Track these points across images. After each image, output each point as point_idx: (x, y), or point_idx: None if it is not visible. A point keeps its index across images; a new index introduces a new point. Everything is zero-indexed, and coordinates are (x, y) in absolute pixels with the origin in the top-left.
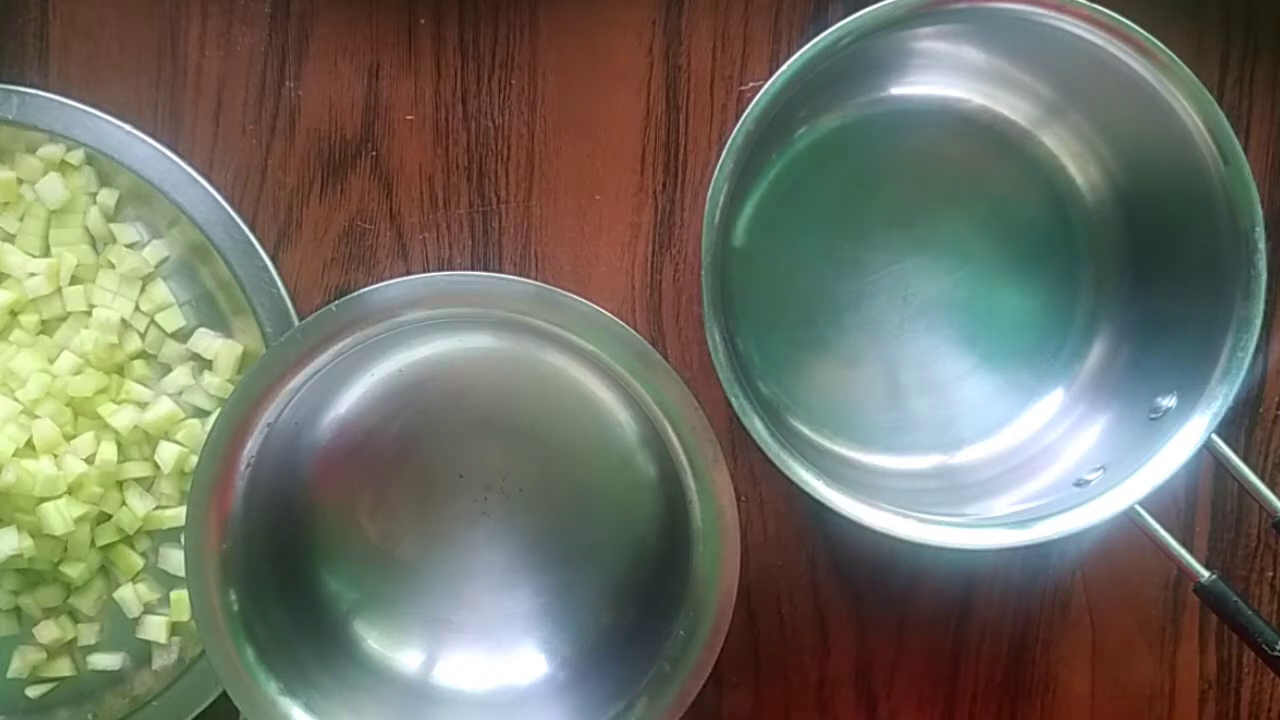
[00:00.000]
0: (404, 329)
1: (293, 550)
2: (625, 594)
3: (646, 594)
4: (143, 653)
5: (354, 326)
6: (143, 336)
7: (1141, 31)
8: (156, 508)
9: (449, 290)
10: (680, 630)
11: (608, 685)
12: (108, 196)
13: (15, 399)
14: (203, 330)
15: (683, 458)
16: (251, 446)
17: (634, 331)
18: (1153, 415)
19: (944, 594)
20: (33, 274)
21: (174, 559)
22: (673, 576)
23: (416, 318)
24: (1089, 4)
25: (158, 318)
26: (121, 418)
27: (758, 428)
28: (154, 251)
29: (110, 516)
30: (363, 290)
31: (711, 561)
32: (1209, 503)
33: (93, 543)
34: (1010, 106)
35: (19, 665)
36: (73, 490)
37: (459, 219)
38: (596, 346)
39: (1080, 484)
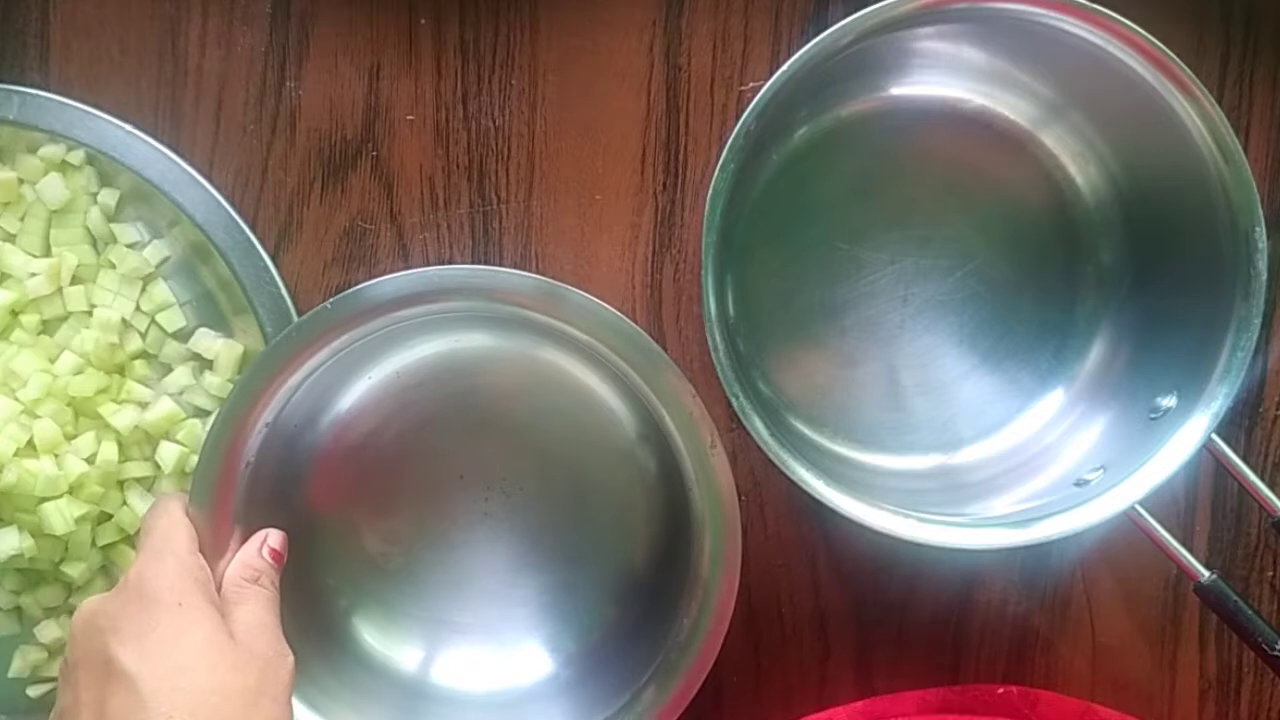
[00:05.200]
0: (399, 329)
1: (294, 552)
2: (629, 588)
3: (650, 587)
4: None
5: (350, 323)
6: (143, 336)
7: (1141, 31)
8: None
9: (440, 284)
10: (684, 619)
11: (612, 680)
12: (108, 196)
13: (16, 399)
14: (203, 330)
15: (681, 444)
16: (250, 447)
17: (630, 320)
18: (1153, 415)
19: (944, 594)
20: (34, 274)
21: None
22: (676, 568)
23: (412, 314)
24: (1089, 4)
25: (158, 317)
26: (122, 417)
27: (758, 428)
28: (154, 251)
29: (111, 516)
30: (357, 287)
31: (714, 548)
32: (1209, 503)
33: (94, 542)
34: (1010, 106)
35: (20, 665)
36: (73, 490)
37: (459, 219)
38: (593, 337)
39: (1080, 484)
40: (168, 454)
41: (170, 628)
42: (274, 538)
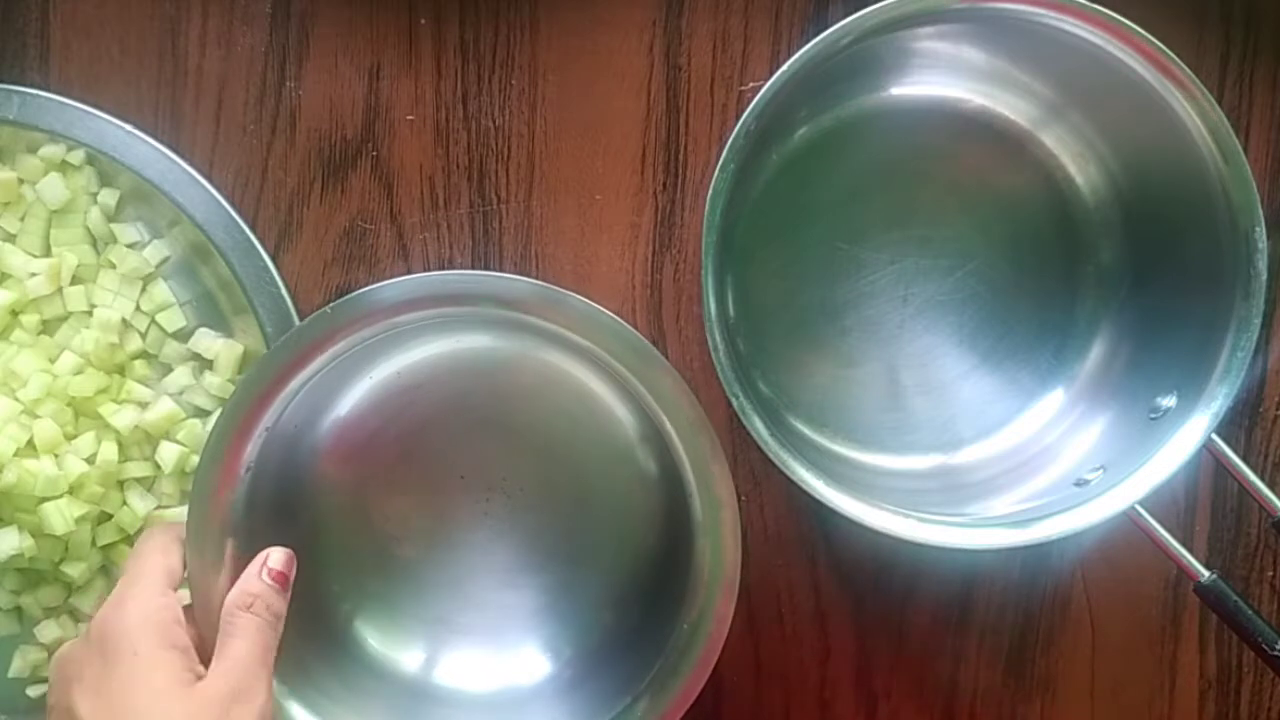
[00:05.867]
0: (400, 331)
1: (295, 553)
2: (628, 591)
3: (649, 590)
4: None
5: (349, 328)
6: (143, 336)
7: (1141, 31)
8: (157, 507)
9: (442, 290)
10: (684, 624)
11: (612, 682)
12: (108, 196)
13: (16, 399)
14: (203, 330)
15: (681, 452)
16: (251, 451)
17: (629, 326)
18: (1153, 415)
19: (944, 594)
20: (34, 274)
21: None
22: (675, 572)
23: (412, 318)
24: (1089, 4)
25: (158, 317)
26: (122, 417)
27: (758, 428)
28: (154, 251)
29: (111, 516)
30: (357, 292)
31: (713, 554)
32: (1209, 503)
33: (94, 542)
34: (1010, 106)
35: (20, 665)
36: (73, 490)
37: (459, 219)
38: (593, 342)
39: (1080, 484)
40: (168, 454)
41: (126, 677)
42: (275, 557)
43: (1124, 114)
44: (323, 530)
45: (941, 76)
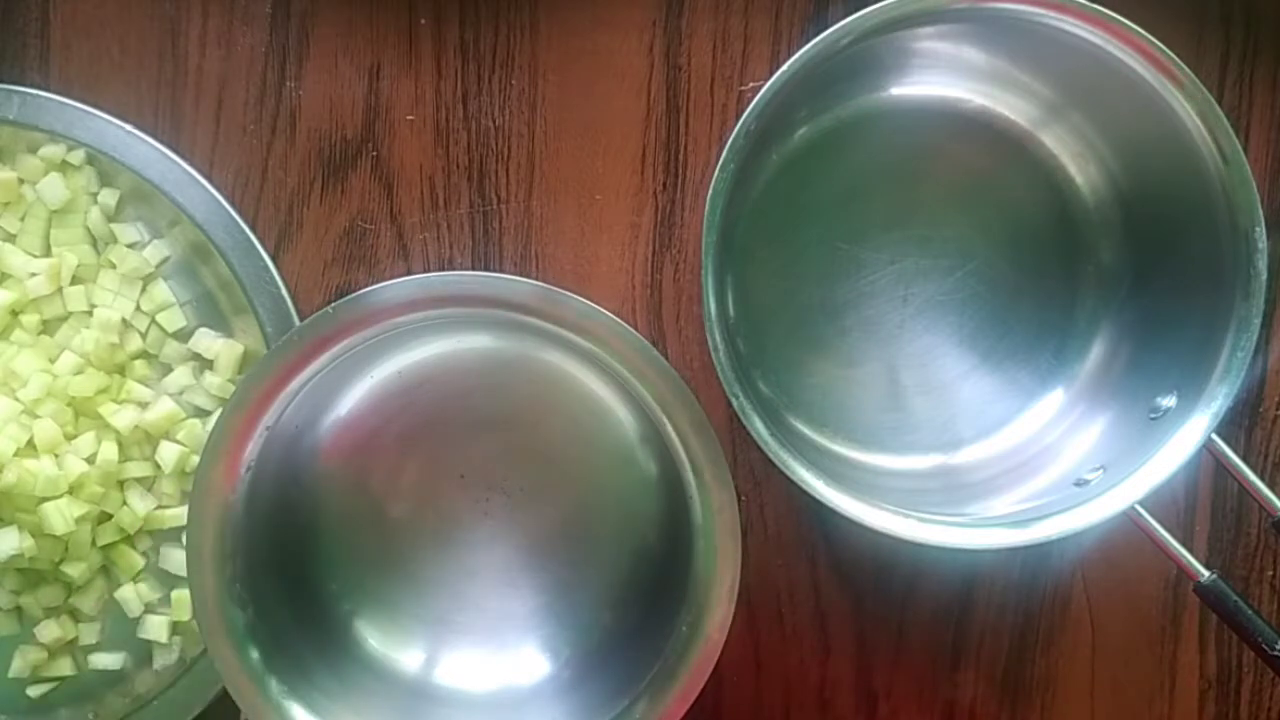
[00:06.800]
0: (402, 330)
1: (295, 552)
2: (627, 592)
3: (648, 592)
4: (144, 652)
5: (351, 328)
6: (144, 336)
7: (1141, 31)
8: (157, 507)
9: (444, 291)
10: (683, 627)
11: (610, 684)
12: (108, 196)
13: (16, 399)
14: (204, 330)
15: (682, 455)
16: (251, 450)
17: (632, 329)
18: (1153, 415)
19: (944, 594)
20: (34, 274)
21: (175, 558)
22: (674, 573)
23: (414, 319)
24: (1089, 4)
25: (158, 317)
26: (122, 417)
27: (758, 428)
28: (155, 251)
29: (111, 516)
30: (360, 292)
31: (712, 558)
32: (1209, 503)
33: (94, 542)
34: (1010, 107)
35: (20, 665)
36: (74, 490)
37: (459, 219)
38: (595, 345)
39: (1080, 484)
40: (168, 454)
41: None
42: None
43: (1124, 114)
44: (323, 530)
45: (941, 76)
